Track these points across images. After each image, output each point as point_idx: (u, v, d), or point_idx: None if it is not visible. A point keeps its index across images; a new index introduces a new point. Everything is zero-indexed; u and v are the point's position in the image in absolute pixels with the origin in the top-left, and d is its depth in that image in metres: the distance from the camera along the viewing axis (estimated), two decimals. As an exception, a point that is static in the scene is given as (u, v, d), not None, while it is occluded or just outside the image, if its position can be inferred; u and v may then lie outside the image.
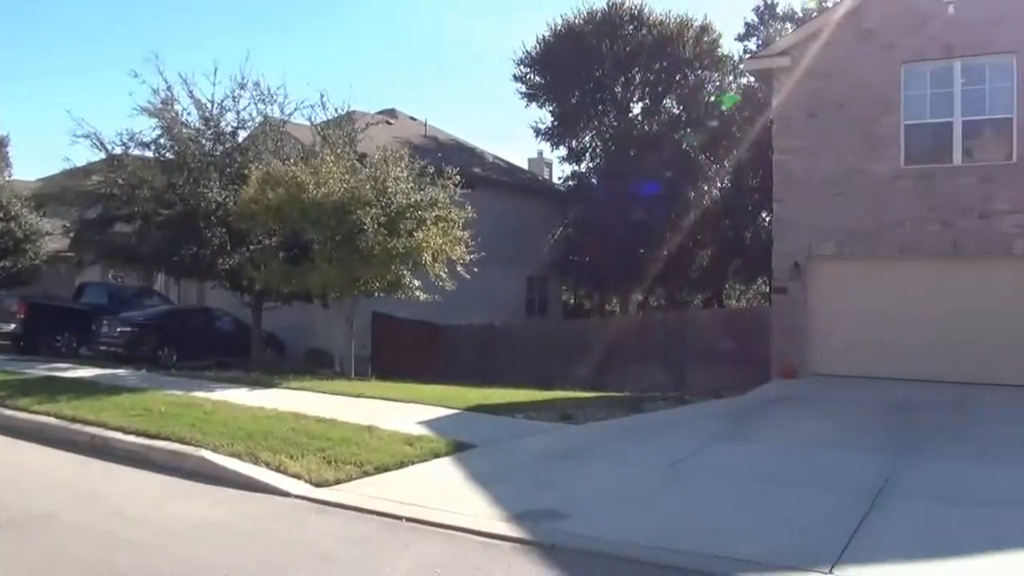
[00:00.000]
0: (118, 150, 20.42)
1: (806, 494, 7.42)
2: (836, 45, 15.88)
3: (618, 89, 31.11)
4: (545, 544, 6.09)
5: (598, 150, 32.29)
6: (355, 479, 7.81)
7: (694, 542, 6.10)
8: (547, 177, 37.96)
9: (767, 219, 21.23)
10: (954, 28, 14.92)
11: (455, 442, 9.23)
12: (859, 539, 6.13)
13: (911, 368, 14.63)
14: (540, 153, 38.62)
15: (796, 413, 11.97)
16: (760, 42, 31.71)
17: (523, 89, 32.40)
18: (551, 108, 32.12)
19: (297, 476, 7.83)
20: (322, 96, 24.52)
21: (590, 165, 32.89)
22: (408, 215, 17.77)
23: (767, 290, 17.56)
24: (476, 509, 6.93)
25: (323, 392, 13.63)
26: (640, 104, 32.00)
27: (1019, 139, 14.60)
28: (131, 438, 9.28)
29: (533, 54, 31.76)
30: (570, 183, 33.49)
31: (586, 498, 7.30)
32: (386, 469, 8.13)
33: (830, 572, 5.54)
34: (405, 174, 18.27)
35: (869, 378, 14.74)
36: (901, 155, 15.38)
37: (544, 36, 31.47)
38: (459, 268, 18.55)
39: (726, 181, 31.12)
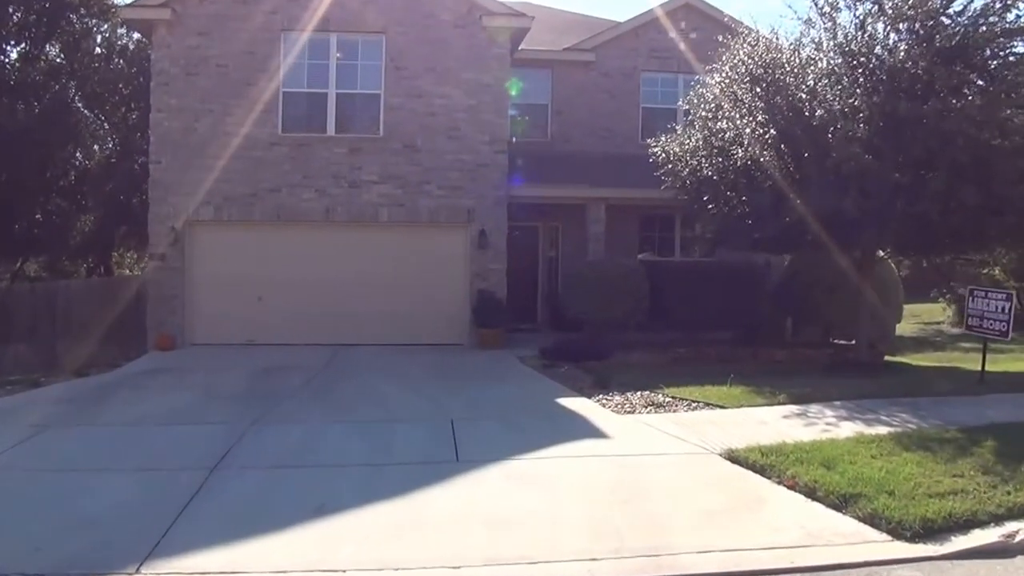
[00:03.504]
0: None
1: (132, 482, 6.64)
2: (218, 3, 15.24)
3: (-10, 29, 26.61)
4: None
5: (-37, 97, 27.31)
6: None
7: (-30, 561, 4.96)
8: None
9: (152, 182, 19.84)
10: (331, 2, 15.28)
11: None
12: (179, 526, 5.60)
13: (289, 333, 14.87)
14: None
15: (159, 387, 11.05)
16: (154, -7, 29.64)
17: None
18: None
19: None
20: None
21: (-53, 113, 27.72)
22: None
23: (157, 258, 16.66)
24: None
25: None
26: (17, 49, 27.82)
27: (386, 115, 15.56)
28: None
29: None
30: (-84, 132, 27.82)
31: None
32: None
33: (137, 572, 4.89)
34: None
35: (248, 345, 14.58)
36: (279, 122, 15.36)
37: None
38: None
39: (114, 141, 28.63)
